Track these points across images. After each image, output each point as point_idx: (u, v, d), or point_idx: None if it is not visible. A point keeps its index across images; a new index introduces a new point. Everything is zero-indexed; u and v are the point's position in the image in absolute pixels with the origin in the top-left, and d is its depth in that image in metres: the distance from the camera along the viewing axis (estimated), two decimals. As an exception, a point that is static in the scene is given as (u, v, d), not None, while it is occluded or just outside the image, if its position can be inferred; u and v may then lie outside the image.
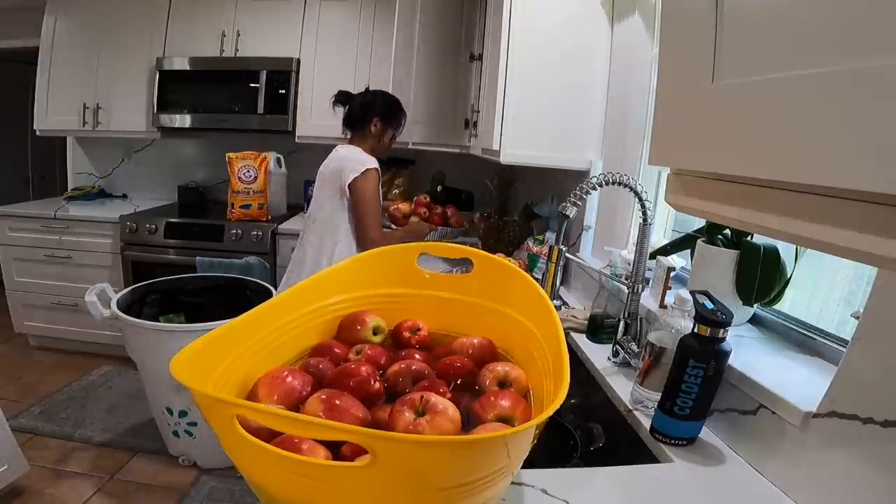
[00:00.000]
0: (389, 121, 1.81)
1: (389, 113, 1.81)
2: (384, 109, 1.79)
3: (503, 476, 0.51)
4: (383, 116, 1.78)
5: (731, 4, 0.44)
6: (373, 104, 1.78)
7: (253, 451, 0.46)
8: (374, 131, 1.78)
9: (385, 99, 1.82)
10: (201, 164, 3.24)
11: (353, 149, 1.76)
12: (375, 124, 1.77)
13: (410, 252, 0.88)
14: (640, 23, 1.42)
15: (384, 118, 1.79)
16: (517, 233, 2.05)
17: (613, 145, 1.55)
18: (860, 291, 0.87)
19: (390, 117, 1.81)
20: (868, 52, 0.32)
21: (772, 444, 0.76)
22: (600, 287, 1.39)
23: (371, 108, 1.78)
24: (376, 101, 1.80)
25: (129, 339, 1.87)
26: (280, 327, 0.71)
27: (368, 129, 1.78)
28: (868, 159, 0.32)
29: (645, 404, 0.93)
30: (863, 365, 0.64)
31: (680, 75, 0.52)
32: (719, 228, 1.04)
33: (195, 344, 0.54)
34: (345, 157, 1.73)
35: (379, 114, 1.77)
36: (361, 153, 1.73)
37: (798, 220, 0.39)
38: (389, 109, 1.81)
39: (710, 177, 0.49)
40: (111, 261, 2.73)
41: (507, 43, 1.52)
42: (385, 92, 1.85)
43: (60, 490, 1.86)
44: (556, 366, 0.58)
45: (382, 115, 1.78)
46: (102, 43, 2.79)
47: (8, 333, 2.97)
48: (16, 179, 4.05)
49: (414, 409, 0.56)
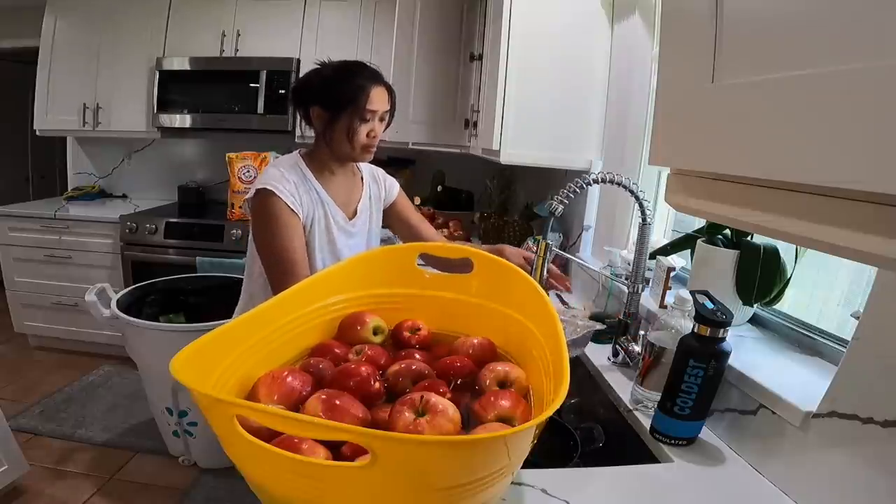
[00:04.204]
0: (335, 103, 1.13)
1: (331, 91, 1.13)
2: (320, 89, 1.15)
3: (503, 476, 0.51)
4: (323, 100, 1.14)
5: (731, 5, 0.44)
6: (304, 88, 1.18)
7: (253, 451, 0.46)
8: (317, 125, 1.17)
9: (321, 74, 1.16)
10: (201, 164, 3.24)
11: (286, 157, 1.21)
12: (318, 115, 1.16)
13: (410, 252, 0.88)
14: (640, 23, 1.42)
15: (325, 102, 1.14)
16: (517, 233, 2.05)
17: (613, 145, 1.55)
18: (860, 291, 0.87)
19: (334, 97, 1.13)
20: (868, 52, 0.32)
21: (772, 444, 0.76)
22: (600, 287, 1.39)
23: (302, 93, 1.18)
24: (308, 83, 1.17)
25: (129, 339, 1.87)
26: (280, 327, 0.71)
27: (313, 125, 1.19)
28: (868, 159, 0.32)
29: (645, 404, 0.93)
30: (863, 365, 0.64)
31: (680, 75, 0.52)
32: (719, 228, 1.04)
33: (195, 344, 0.54)
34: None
35: (315, 98, 1.15)
36: (282, 162, 1.18)
37: (798, 220, 0.39)
38: (329, 87, 1.14)
39: (710, 177, 0.49)
40: (111, 261, 2.72)
41: (507, 43, 1.52)
42: (326, 64, 1.18)
43: (60, 490, 1.86)
44: (556, 366, 0.58)
45: (322, 99, 1.14)
46: (102, 43, 2.78)
47: (8, 333, 2.96)
48: (16, 179, 4.05)
49: (414, 409, 0.56)
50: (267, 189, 1.09)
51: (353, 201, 1.27)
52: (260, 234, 1.13)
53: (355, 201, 1.27)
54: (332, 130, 1.15)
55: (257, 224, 1.13)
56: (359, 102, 1.12)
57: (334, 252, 1.21)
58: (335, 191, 1.22)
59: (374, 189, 1.32)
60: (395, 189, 1.37)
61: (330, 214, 1.19)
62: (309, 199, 1.16)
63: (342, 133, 1.14)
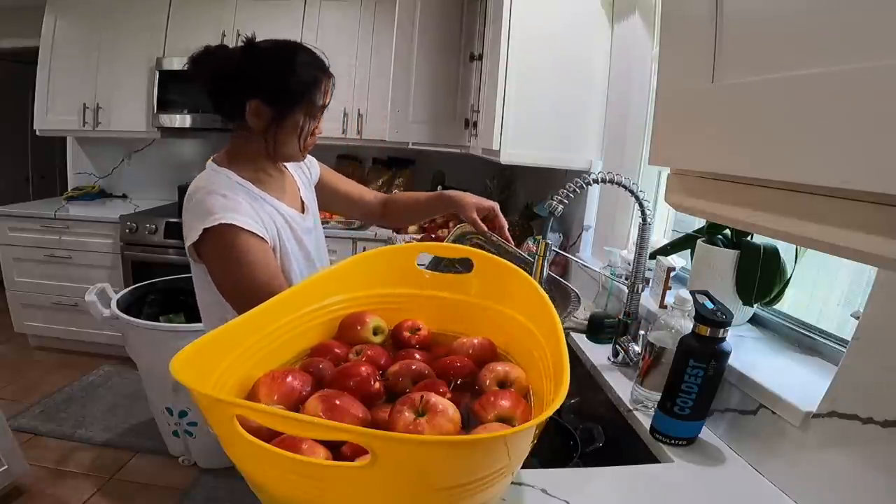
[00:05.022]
0: (283, 99, 0.93)
1: (277, 83, 0.92)
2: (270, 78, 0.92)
3: (503, 476, 0.51)
4: (266, 93, 0.92)
5: (731, 5, 0.44)
6: (234, 76, 0.92)
7: (253, 451, 0.46)
8: (255, 124, 0.95)
9: (269, 56, 0.93)
10: (201, 165, 3.21)
11: (213, 175, 0.98)
12: (256, 111, 0.93)
13: (410, 252, 0.88)
14: (640, 23, 1.42)
15: (269, 96, 0.92)
16: (517, 233, 2.05)
17: (613, 145, 1.55)
18: (860, 291, 0.87)
19: (281, 90, 0.92)
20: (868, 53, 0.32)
21: (772, 444, 0.76)
22: (600, 287, 1.39)
23: (233, 82, 0.93)
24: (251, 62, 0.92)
25: (129, 339, 1.87)
26: (280, 327, 0.71)
27: (244, 121, 0.95)
28: (867, 159, 0.32)
29: (645, 404, 0.93)
30: (863, 365, 0.64)
31: (680, 75, 0.52)
32: (719, 228, 1.04)
33: (195, 344, 0.54)
34: (190, 192, 0.96)
35: (254, 91, 0.92)
36: (218, 183, 0.95)
37: (798, 220, 0.39)
38: (274, 78, 0.92)
39: (709, 177, 0.49)
40: (111, 261, 2.73)
41: (507, 43, 1.52)
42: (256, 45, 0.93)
43: (60, 490, 1.86)
44: (556, 366, 0.58)
45: (264, 92, 0.92)
46: (102, 43, 2.79)
47: (8, 333, 2.97)
48: (16, 179, 4.05)
49: (414, 409, 0.56)
50: (225, 224, 0.87)
51: (295, 195, 1.11)
52: (229, 274, 0.91)
53: (296, 194, 1.11)
54: (279, 129, 0.95)
55: (220, 265, 0.91)
56: (313, 98, 0.94)
57: (307, 256, 1.07)
58: (279, 192, 1.04)
59: (302, 174, 1.17)
60: (316, 165, 1.23)
61: (288, 220, 1.02)
62: (267, 216, 0.97)
63: (291, 132, 0.96)
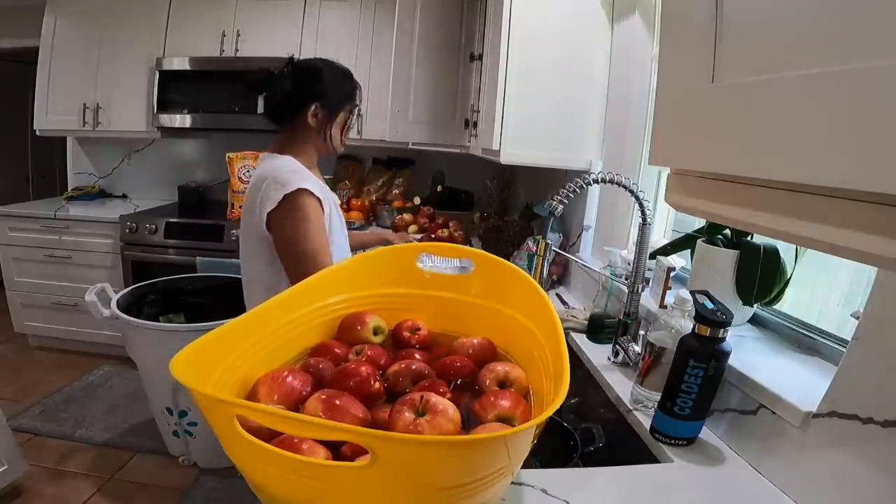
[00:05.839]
0: (336, 103, 1.21)
1: (335, 91, 1.21)
2: (325, 88, 1.19)
3: (503, 476, 0.51)
4: (327, 97, 1.19)
5: (731, 5, 0.44)
6: (305, 83, 1.19)
7: (253, 451, 0.46)
8: (314, 123, 1.20)
9: (321, 71, 1.20)
10: (201, 164, 3.24)
11: (278, 160, 1.18)
12: (315, 113, 1.19)
13: (410, 252, 0.88)
14: (640, 23, 1.42)
15: (326, 101, 1.19)
16: (517, 233, 2.05)
17: (613, 145, 1.55)
18: (860, 291, 0.87)
19: (337, 98, 1.21)
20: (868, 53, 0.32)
21: (772, 444, 0.76)
22: (600, 287, 1.39)
23: (303, 88, 1.19)
24: (309, 76, 1.19)
25: (129, 339, 1.87)
26: (280, 327, 0.71)
27: (303, 122, 1.20)
28: (867, 159, 0.32)
29: (645, 404, 0.93)
30: (863, 365, 0.64)
31: (680, 75, 0.52)
32: (719, 228, 1.04)
33: (195, 344, 0.54)
34: (262, 175, 1.15)
35: (316, 95, 1.18)
36: (288, 165, 1.16)
37: (798, 220, 0.39)
38: (334, 86, 1.21)
39: (710, 177, 0.49)
40: (111, 261, 2.73)
41: (507, 43, 1.52)
42: (323, 60, 1.23)
43: (60, 490, 1.86)
44: (556, 366, 0.58)
45: (323, 97, 1.19)
46: (102, 43, 2.78)
47: (8, 333, 2.96)
48: (16, 179, 4.05)
49: (414, 409, 0.56)
50: (302, 188, 1.10)
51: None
52: (295, 233, 1.10)
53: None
54: (331, 127, 1.22)
55: (290, 224, 1.10)
56: (356, 100, 1.26)
57: (345, 235, 1.28)
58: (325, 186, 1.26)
59: None
60: None
61: (335, 210, 1.24)
62: (326, 191, 1.21)
63: (338, 129, 1.24)
